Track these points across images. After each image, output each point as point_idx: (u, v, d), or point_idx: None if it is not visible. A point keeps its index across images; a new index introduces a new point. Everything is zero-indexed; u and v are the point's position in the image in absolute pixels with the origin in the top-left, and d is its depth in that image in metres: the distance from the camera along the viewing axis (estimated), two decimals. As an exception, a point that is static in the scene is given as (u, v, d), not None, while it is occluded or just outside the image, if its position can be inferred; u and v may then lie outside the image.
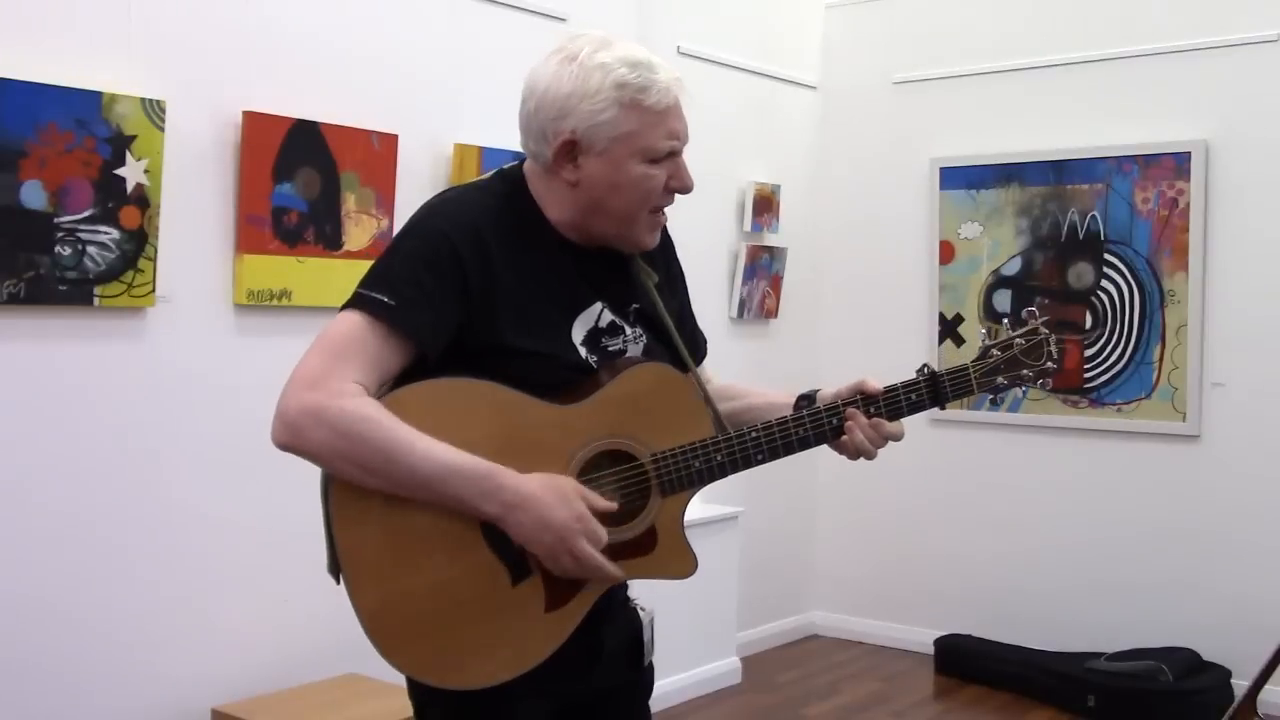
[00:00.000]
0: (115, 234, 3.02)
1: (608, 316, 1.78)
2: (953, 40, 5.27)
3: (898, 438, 1.82)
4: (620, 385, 1.72)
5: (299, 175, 3.42)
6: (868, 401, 1.82)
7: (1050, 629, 4.94)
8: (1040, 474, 5.04)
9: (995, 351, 1.92)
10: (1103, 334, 4.85)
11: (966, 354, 5.13)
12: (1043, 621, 4.98)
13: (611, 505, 1.67)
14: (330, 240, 3.50)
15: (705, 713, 4.54)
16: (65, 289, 2.95)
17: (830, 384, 1.93)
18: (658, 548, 1.74)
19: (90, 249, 2.98)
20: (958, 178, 5.23)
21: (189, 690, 3.24)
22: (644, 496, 1.73)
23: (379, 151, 3.61)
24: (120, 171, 3.03)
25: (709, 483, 1.77)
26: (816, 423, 1.80)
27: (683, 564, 1.77)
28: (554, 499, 1.60)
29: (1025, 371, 1.92)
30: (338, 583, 1.67)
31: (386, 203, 3.64)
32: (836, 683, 4.96)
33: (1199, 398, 4.66)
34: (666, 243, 1.93)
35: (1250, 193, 4.58)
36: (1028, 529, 5.07)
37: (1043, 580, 5.02)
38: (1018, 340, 1.93)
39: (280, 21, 3.43)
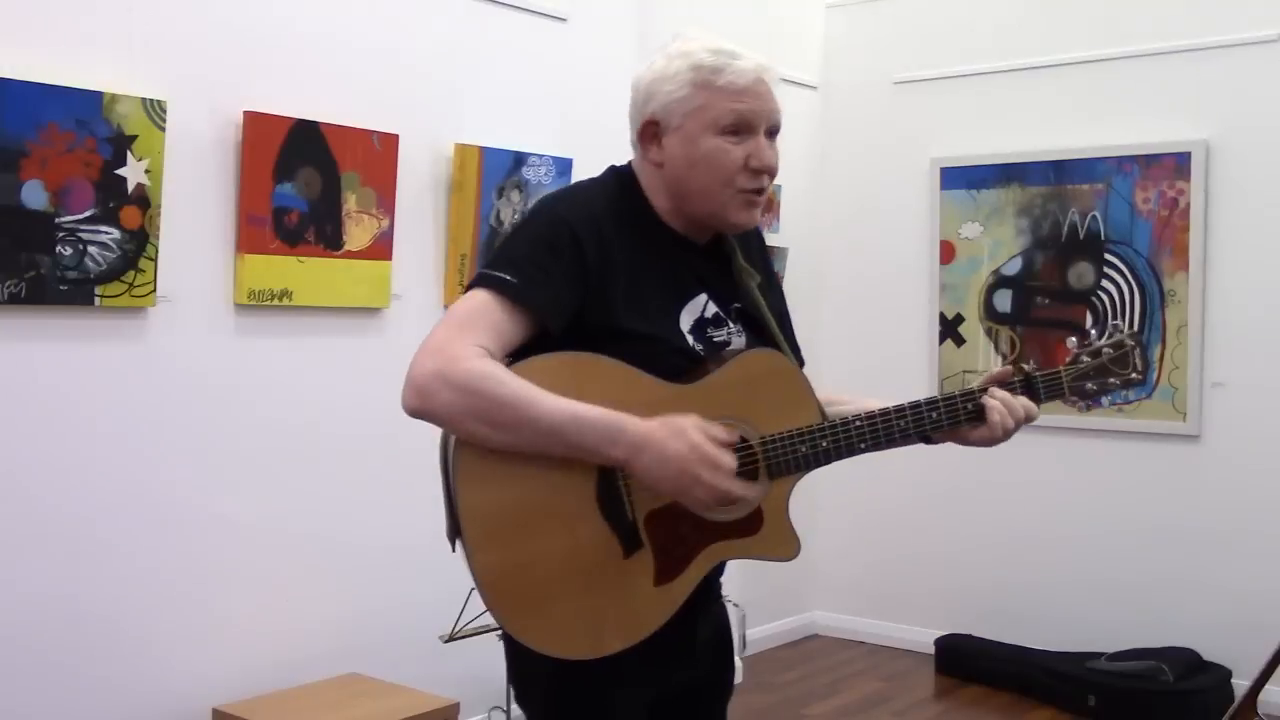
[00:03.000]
0: (116, 234, 3.03)
1: (712, 308, 1.84)
2: (953, 40, 5.27)
3: (1034, 416, 1.92)
4: (735, 369, 1.79)
5: (299, 175, 3.42)
6: (1008, 385, 1.92)
7: (1050, 629, 4.94)
8: (1040, 474, 5.03)
9: (1085, 358, 2.02)
10: (1103, 333, 4.85)
11: (967, 354, 5.17)
12: (1043, 621, 4.98)
13: (731, 436, 1.69)
14: (331, 240, 3.50)
15: (706, 712, 4.54)
16: (66, 289, 2.95)
17: (830, 384, 2.07)
18: (764, 529, 1.82)
19: (91, 249, 2.98)
20: (958, 178, 5.23)
21: (189, 690, 3.24)
22: (753, 478, 1.78)
23: (379, 151, 3.61)
24: (121, 171, 3.03)
25: (813, 468, 1.83)
26: (951, 408, 1.88)
27: (787, 545, 1.85)
28: (670, 434, 1.63)
29: (1112, 380, 2.02)
30: (454, 549, 1.72)
31: (387, 203, 3.64)
32: (837, 683, 4.96)
33: (1199, 398, 4.66)
34: (764, 250, 1.99)
35: (1250, 193, 4.58)
36: (1028, 529, 5.07)
37: (1043, 580, 5.02)
38: (1106, 349, 2.02)
39: (280, 21, 3.43)
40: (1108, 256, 4.86)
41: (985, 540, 5.18)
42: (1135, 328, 4.78)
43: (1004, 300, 5.12)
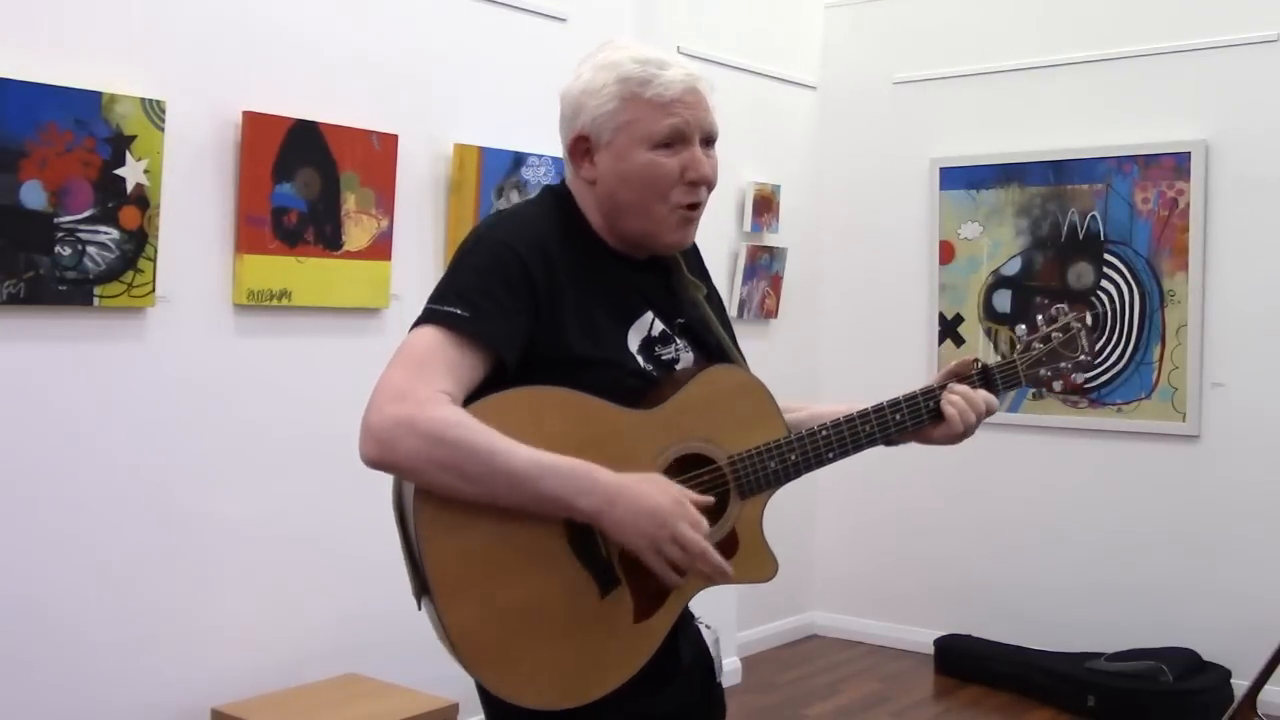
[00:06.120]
0: (115, 234, 3.02)
1: (659, 326, 1.78)
2: (953, 40, 5.27)
3: (995, 409, 1.92)
4: (696, 388, 1.72)
5: (299, 175, 3.42)
6: (966, 379, 1.93)
7: (1050, 629, 4.94)
8: (1040, 474, 5.04)
9: (1037, 345, 2.02)
10: (1102, 333, 4.85)
11: (966, 354, 5.15)
12: (1043, 621, 4.98)
13: (708, 500, 1.65)
14: (330, 240, 3.50)
15: (705, 713, 4.53)
16: (65, 289, 2.95)
17: (830, 384, 1.97)
18: (739, 552, 1.74)
19: (90, 249, 2.98)
20: (958, 178, 5.23)
21: (189, 690, 3.24)
22: (723, 500, 1.72)
23: (379, 151, 3.61)
24: (120, 171, 3.03)
25: (785, 483, 1.78)
26: (913, 407, 1.87)
27: (764, 567, 1.78)
28: (652, 488, 1.59)
29: (1064, 364, 2.02)
30: (420, 608, 1.66)
31: (386, 203, 3.64)
32: (836, 683, 4.96)
33: (1199, 398, 4.66)
34: (700, 259, 1.93)
35: (1250, 193, 4.58)
36: (1027, 529, 5.07)
37: (1042, 580, 5.02)
38: (1055, 334, 2.02)
39: (280, 21, 3.43)
40: (1107, 257, 4.86)
41: (984, 540, 5.18)
42: (1135, 327, 4.78)
43: (1003, 300, 5.12)
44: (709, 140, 1.75)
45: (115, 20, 3.08)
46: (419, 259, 3.81)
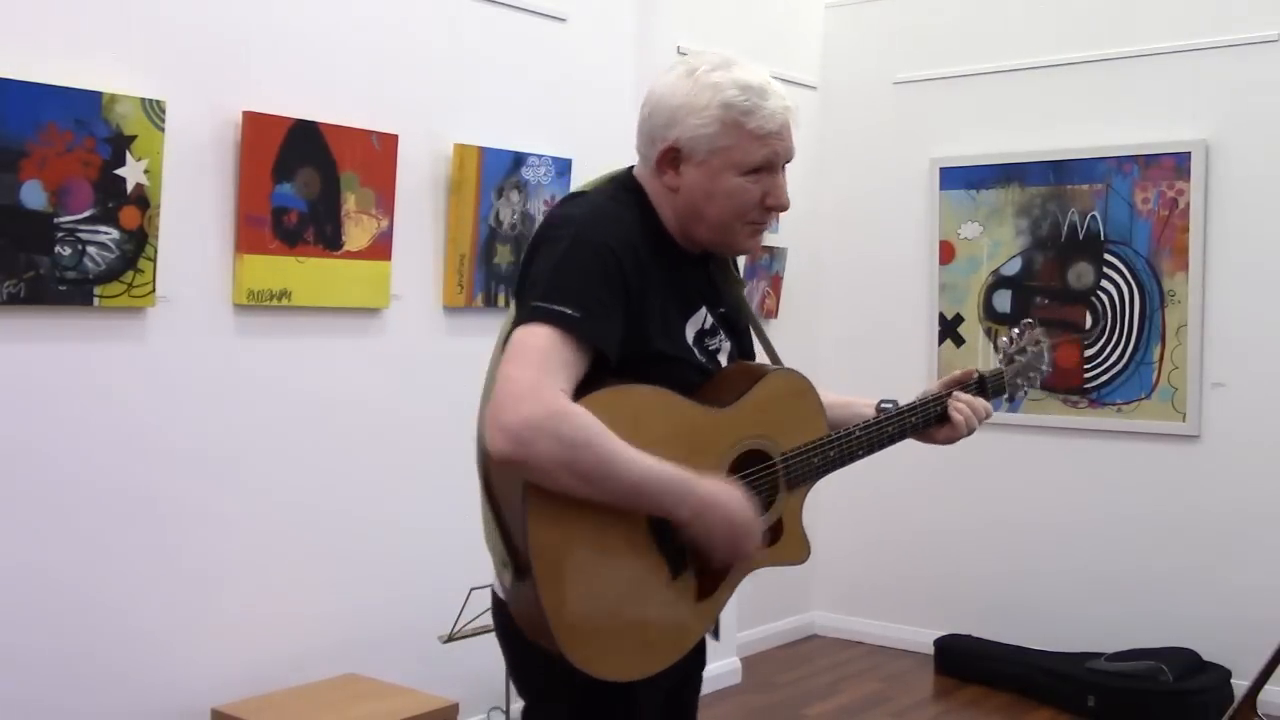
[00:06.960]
0: (115, 234, 3.02)
1: (710, 319, 1.92)
2: (953, 40, 5.27)
3: (992, 414, 2.22)
4: (761, 390, 1.90)
5: (299, 175, 3.42)
6: (966, 388, 2.22)
7: (1050, 629, 4.94)
8: (1040, 474, 5.04)
9: (1018, 358, 2.34)
10: (1102, 333, 4.86)
11: (966, 354, 5.17)
12: (1043, 621, 4.98)
13: (766, 520, 1.84)
14: (330, 240, 3.50)
15: (705, 713, 4.51)
16: (65, 289, 2.95)
17: (830, 384, 2.14)
18: (783, 537, 1.94)
19: (90, 249, 2.98)
20: (958, 178, 5.23)
21: (189, 690, 3.24)
22: (774, 491, 1.91)
23: (379, 151, 3.61)
24: (120, 171, 3.03)
25: (822, 476, 1.99)
26: (925, 412, 2.14)
27: (800, 551, 1.99)
28: (737, 505, 1.75)
29: (1033, 373, 2.36)
30: (507, 584, 1.77)
31: (386, 203, 3.64)
32: (836, 683, 4.96)
33: (1199, 398, 4.66)
34: (737, 262, 2.09)
35: (1250, 193, 4.58)
36: (1028, 529, 5.07)
37: (1043, 580, 5.02)
38: (1031, 349, 2.34)
39: (280, 21, 3.43)
40: (1107, 257, 4.86)
41: (985, 540, 5.18)
42: (1135, 327, 4.79)
43: (1003, 300, 5.12)
44: (787, 162, 1.90)
45: (115, 20, 3.08)
46: (419, 259, 3.81)
